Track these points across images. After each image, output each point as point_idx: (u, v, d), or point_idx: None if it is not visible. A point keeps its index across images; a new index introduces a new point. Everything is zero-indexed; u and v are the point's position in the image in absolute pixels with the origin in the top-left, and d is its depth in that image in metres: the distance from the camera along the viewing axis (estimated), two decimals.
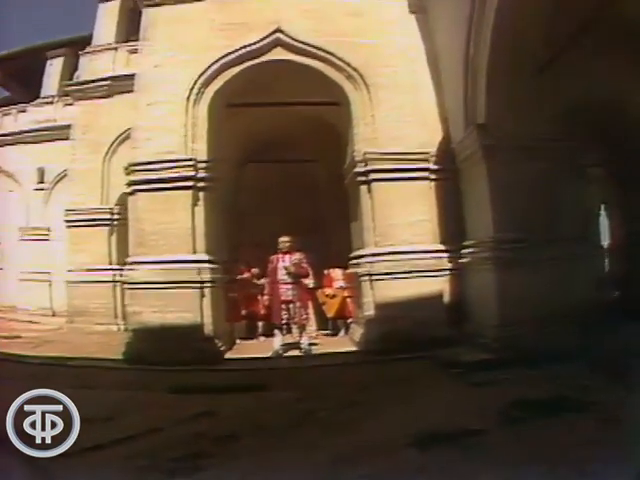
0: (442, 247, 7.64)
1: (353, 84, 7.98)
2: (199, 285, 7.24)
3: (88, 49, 12.70)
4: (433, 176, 7.78)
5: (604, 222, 12.98)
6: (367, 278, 7.47)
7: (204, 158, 7.56)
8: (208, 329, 7.27)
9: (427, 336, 6.85)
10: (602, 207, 13.14)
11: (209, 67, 7.85)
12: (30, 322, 12.78)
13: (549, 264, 6.48)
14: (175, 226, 7.32)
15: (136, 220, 7.54)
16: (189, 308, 7.15)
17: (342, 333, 9.38)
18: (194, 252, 7.36)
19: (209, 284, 7.35)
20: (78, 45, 13.62)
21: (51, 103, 15.25)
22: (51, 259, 14.35)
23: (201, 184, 7.52)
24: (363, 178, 7.68)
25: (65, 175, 13.63)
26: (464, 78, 7.12)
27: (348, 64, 7.96)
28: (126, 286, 7.52)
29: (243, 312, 9.28)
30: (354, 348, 7.77)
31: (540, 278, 6.35)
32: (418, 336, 6.84)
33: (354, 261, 8.04)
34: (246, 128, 9.61)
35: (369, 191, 7.64)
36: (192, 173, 7.42)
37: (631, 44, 7.20)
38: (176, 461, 3.53)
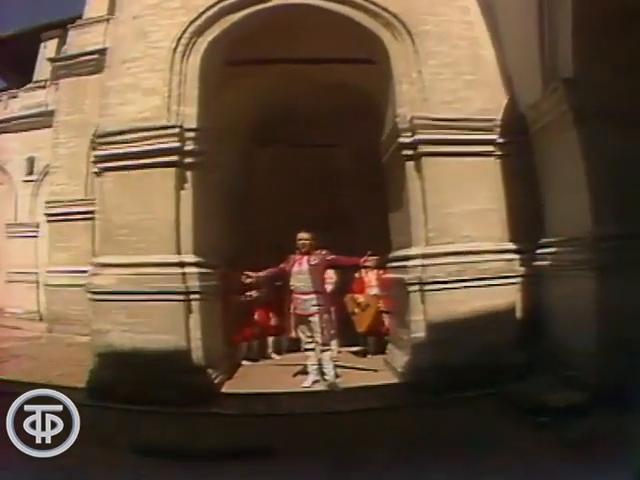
0: (513, 246, 5.75)
1: (393, 33, 6.11)
2: (184, 296, 5.37)
3: (78, 22, 11.25)
4: (499, 151, 5.89)
5: None
6: (417, 288, 5.53)
7: (193, 125, 5.69)
8: (197, 356, 5.38)
9: (495, 365, 5.16)
10: None
11: (203, 12, 6.03)
12: (14, 328, 11.44)
13: None
14: (152, 216, 5.47)
15: (102, 209, 5.70)
16: (170, 327, 5.30)
17: (373, 352, 7.54)
18: (178, 252, 5.51)
19: (198, 295, 5.48)
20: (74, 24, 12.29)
21: (43, 87, 13.76)
22: (38, 258, 12.91)
23: (189, 159, 5.64)
24: (410, 152, 5.74)
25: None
26: (539, 25, 5.52)
27: (385, 9, 6.12)
28: (89, 296, 5.61)
29: (250, 328, 7.37)
30: (394, 380, 5.86)
31: None
32: (484, 366, 5.14)
33: (395, 263, 6.15)
34: (255, 97, 7.95)
35: (418, 170, 5.71)
36: (176, 144, 5.54)
37: None
38: None
